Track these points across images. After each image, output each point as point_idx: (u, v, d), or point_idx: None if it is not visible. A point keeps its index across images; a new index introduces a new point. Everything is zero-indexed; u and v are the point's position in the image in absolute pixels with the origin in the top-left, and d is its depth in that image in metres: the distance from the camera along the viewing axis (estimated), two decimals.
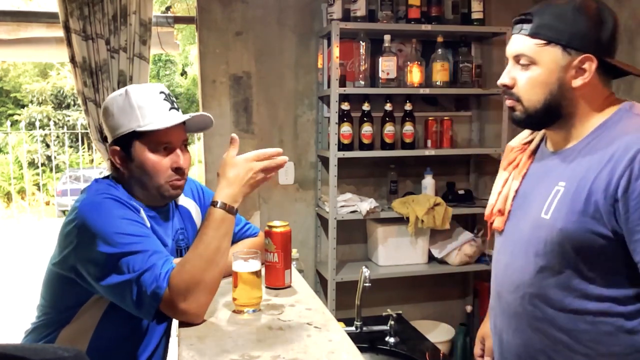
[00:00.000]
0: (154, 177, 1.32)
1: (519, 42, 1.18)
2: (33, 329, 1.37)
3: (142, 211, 1.31)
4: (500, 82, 1.23)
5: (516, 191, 1.28)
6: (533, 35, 1.15)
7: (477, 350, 1.54)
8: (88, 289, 1.26)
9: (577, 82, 1.14)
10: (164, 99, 1.33)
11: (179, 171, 1.34)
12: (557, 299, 1.14)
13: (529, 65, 1.16)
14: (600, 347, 1.12)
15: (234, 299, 1.27)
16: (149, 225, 1.30)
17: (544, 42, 1.14)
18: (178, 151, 1.34)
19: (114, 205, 1.24)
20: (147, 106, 1.30)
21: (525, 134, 1.38)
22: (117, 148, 1.32)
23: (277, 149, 1.26)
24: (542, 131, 1.31)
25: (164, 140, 1.31)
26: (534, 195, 1.22)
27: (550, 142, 1.26)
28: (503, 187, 1.32)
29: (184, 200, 1.51)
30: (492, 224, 1.33)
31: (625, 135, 1.09)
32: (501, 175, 1.36)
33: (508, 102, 1.23)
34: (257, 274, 1.28)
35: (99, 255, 1.18)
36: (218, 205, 1.20)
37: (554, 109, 1.17)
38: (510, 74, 1.21)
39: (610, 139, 1.11)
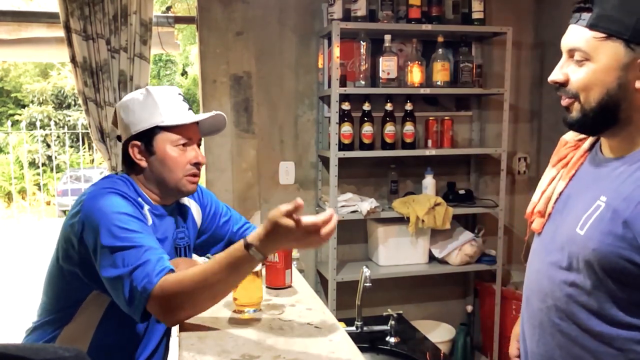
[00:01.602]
0: (174, 171, 1.36)
1: (575, 34, 1.04)
2: (34, 328, 1.37)
3: (146, 208, 1.33)
4: (551, 78, 1.09)
5: (560, 193, 1.18)
6: (591, 26, 1.01)
7: (512, 350, 1.44)
8: (88, 283, 1.27)
9: None
10: (183, 100, 1.40)
11: (198, 166, 1.39)
12: (585, 319, 1.07)
13: (584, 61, 1.03)
14: None
15: (235, 299, 1.27)
16: (150, 222, 1.32)
17: (604, 35, 1.00)
18: (196, 147, 1.40)
19: (117, 199, 1.26)
20: (168, 104, 1.36)
21: None
22: (138, 142, 1.36)
23: (330, 213, 1.15)
24: None
25: (185, 136, 1.36)
26: (575, 203, 1.12)
27: (604, 145, 1.14)
28: (548, 186, 1.22)
29: (186, 200, 1.52)
30: (531, 223, 1.24)
31: None
32: (549, 173, 1.24)
33: (563, 102, 1.09)
34: (257, 273, 1.28)
35: (100, 246, 1.19)
36: (251, 250, 1.12)
37: (611, 112, 1.04)
38: (562, 69, 1.08)
39: None
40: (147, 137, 1.35)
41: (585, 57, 1.03)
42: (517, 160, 3.25)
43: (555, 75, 1.08)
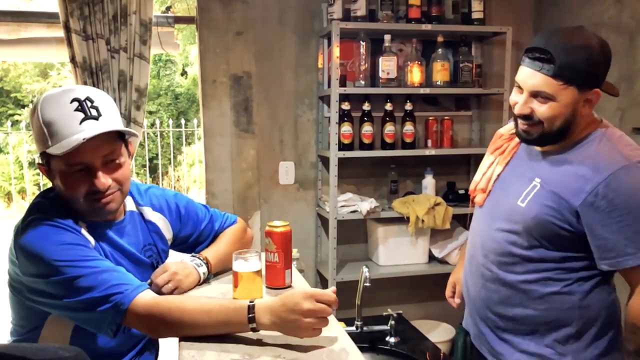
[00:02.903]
0: (72, 199, 1.22)
1: (540, 80, 1.31)
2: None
3: (83, 230, 1.23)
4: (519, 112, 1.37)
5: (498, 175, 1.52)
6: (555, 76, 1.29)
7: (448, 292, 1.86)
8: (44, 309, 1.22)
9: (585, 111, 1.35)
10: (76, 109, 1.17)
11: (96, 193, 1.21)
12: (518, 267, 1.43)
13: (547, 101, 1.32)
14: (547, 304, 1.41)
15: (235, 299, 1.26)
16: (92, 243, 1.24)
17: (563, 83, 1.29)
18: (96, 171, 1.20)
19: (50, 231, 1.17)
20: (56, 121, 1.16)
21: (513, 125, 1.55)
22: (41, 163, 1.24)
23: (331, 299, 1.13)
24: None
25: (75, 162, 1.18)
26: (513, 182, 1.47)
27: None
28: (487, 169, 1.56)
29: (152, 215, 1.44)
30: (473, 198, 1.60)
31: (596, 158, 1.32)
32: (487, 159, 1.59)
33: (525, 127, 1.38)
34: (257, 273, 1.27)
35: (48, 284, 1.14)
36: (249, 312, 1.11)
37: (567, 130, 1.36)
38: (527, 105, 1.36)
39: (584, 157, 1.35)
40: (45, 161, 1.23)
41: (549, 98, 1.32)
42: None
43: (523, 110, 1.37)
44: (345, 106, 2.72)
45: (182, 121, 6.76)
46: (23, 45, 2.73)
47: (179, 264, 1.39)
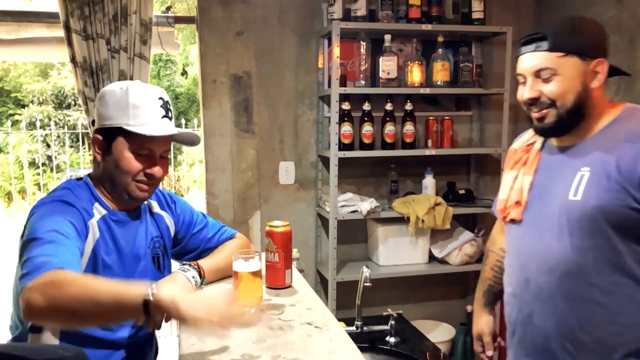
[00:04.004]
0: (124, 175, 1.31)
1: (538, 58, 1.27)
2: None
3: (94, 219, 1.29)
4: (527, 96, 1.30)
5: (531, 183, 1.37)
6: (552, 49, 1.25)
7: (477, 347, 1.68)
8: None
9: (595, 83, 1.27)
10: (161, 106, 1.33)
11: (150, 177, 1.34)
12: (595, 273, 1.23)
13: (552, 76, 1.26)
14: (637, 317, 1.22)
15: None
16: (97, 235, 1.28)
17: (563, 54, 1.25)
18: (156, 160, 1.34)
19: (57, 206, 1.25)
20: (142, 107, 1.30)
21: (527, 136, 1.47)
22: (100, 137, 1.33)
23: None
24: None
25: (145, 146, 1.32)
26: (554, 184, 1.32)
27: (558, 140, 1.36)
28: (514, 183, 1.41)
29: (158, 209, 1.50)
30: (505, 217, 1.42)
31: (637, 125, 1.25)
32: (508, 175, 1.45)
33: (537, 114, 1.31)
34: (257, 273, 1.28)
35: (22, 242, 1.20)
36: (146, 294, 1.00)
37: (582, 109, 1.28)
38: (534, 88, 1.29)
39: (624, 130, 1.25)
40: (110, 135, 1.32)
41: (553, 73, 1.26)
42: None
43: (531, 93, 1.30)
44: (346, 106, 2.72)
45: (183, 121, 6.75)
46: (23, 45, 2.73)
47: (166, 278, 1.37)
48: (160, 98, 1.34)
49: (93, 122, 1.39)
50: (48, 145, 12.16)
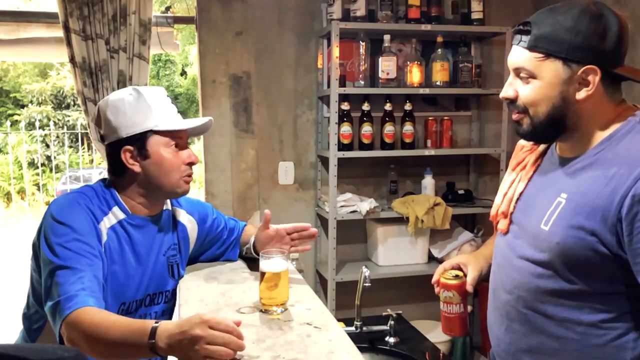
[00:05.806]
0: (170, 173, 1.36)
1: (518, 55, 1.12)
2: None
3: (104, 223, 1.31)
4: (502, 95, 1.17)
5: (520, 194, 1.25)
6: (531, 48, 1.09)
7: (435, 276, 1.55)
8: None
9: (580, 95, 1.08)
10: (171, 102, 1.41)
11: (192, 165, 1.41)
12: (550, 307, 1.14)
13: (529, 78, 1.11)
14: (586, 357, 1.12)
15: (261, 299, 1.27)
16: (105, 238, 1.30)
17: (543, 55, 1.08)
18: (187, 148, 1.41)
19: (74, 204, 1.29)
20: (161, 106, 1.36)
21: None
22: (131, 147, 1.33)
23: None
24: None
25: (178, 136, 1.38)
26: (537, 202, 1.19)
27: (559, 147, 1.22)
28: (509, 189, 1.29)
29: (184, 217, 1.52)
30: (496, 224, 1.31)
31: (628, 152, 1.05)
32: (508, 177, 1.33)
33: (514, 116, 1.17)
34: (283, 274, 1.27)
35: (44, 260, 1.21)
36: (150, 338, 1.04)
37: (558, 122, 1.12)
38: (512, 87, 1.15)
39: (614, 154, 1.07)
40: (140, 140, 1.33)
41: (530, 75, 1.11)
42: None
43: (506, 92, 1.16)
44: (345, 106, 2.72)
45: None
46: (23, 45, 2.73)
47: None
48: (167, 96, 1.41)
49: (102, 138, 1.38)
50: (47, 146, 12.16)
